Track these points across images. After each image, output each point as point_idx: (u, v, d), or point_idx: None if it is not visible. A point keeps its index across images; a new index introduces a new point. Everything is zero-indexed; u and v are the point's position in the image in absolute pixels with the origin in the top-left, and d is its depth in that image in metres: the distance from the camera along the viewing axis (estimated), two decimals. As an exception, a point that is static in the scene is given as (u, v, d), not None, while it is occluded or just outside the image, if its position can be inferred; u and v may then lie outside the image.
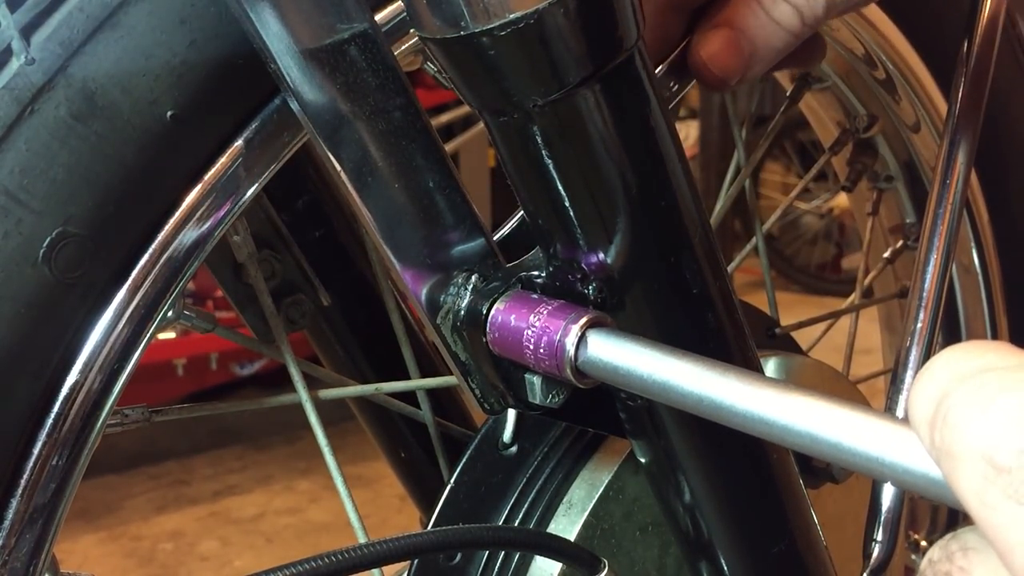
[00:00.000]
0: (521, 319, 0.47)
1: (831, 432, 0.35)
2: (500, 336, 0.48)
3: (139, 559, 2.50)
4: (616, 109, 0.45)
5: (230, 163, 0.48)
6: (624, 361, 0.43)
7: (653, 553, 0.65)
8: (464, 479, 0.63)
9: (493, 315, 0.48)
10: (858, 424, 0.34)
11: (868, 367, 1.04)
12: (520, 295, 0.49)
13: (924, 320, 0.63)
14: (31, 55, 0.43)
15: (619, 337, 0.45)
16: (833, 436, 0.35)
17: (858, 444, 0.34)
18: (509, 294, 0.49)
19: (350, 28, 0.44)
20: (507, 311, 0.48)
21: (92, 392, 0.47)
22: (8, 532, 0.46)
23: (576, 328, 0.45)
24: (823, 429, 0.35)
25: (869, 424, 0.34)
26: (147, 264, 0.47)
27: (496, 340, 0.48)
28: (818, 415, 0.36)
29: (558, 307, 0.47)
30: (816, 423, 0.36)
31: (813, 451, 0.36)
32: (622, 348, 0.44)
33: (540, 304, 0.47)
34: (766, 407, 0.37)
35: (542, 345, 0.46)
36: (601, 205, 0.47)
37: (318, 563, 0.44)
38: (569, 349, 0.45)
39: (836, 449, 0.35)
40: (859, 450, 0.34)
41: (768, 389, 0.38)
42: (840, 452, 0.35)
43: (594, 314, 0.46)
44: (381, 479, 2.63)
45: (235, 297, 0.72)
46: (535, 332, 0.46)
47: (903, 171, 0.98)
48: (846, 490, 0.70)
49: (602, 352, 0.44)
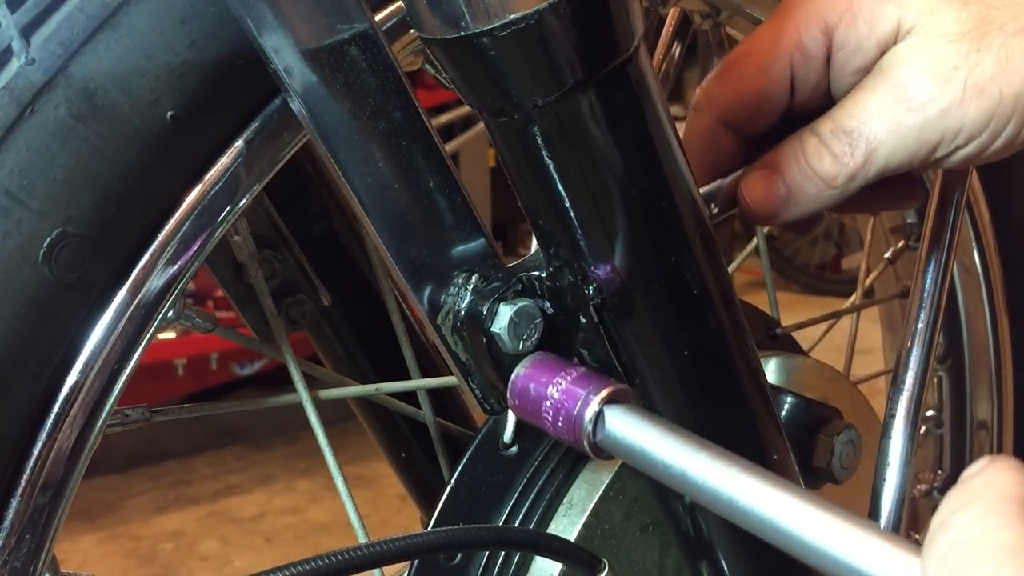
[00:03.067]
0: (541, 388, 0.46)
1: (849, 555, 0.35)
2: (520, 403, 0.47)
3: (139, 559, 2.50)
4: (616, 109, 0.45)
5: (230, 163, 0.48)
6: (642, 443, 0.43)
7: (653, 553, 0.65)
8: (464, 479, 0.63)
9: (514, 380, 0.48)
10: (873, 549, 0.34)
11: (869, 367, 1.04)
12: (542, 360, 0.48)
13: (925, 320, 0.63)
14: (31, 55, 0.43)
15: (639, 416, 0.44)
16: (850, 559, 0.34)
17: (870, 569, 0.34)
18: (531, 359, 0.48)
19: (350, 28, 0.44)
20: (527, 377, 0.47)
21: (92, 392, 0.47)
22: (8, 532, 0.46)
23: (595, 402, 0.44)
24: (842, 550, 0.35)
25: (884, 550, 0.34)
26: (147, 264, 0.47)
27: (517, 406, 0.48)
28: (839, 536, 0.35)
29: (578, 377, 0.46)
30: (835, 543, 0.35)
31: (828, 569, 0.36)
32: (641, 429, 0.43)
33: (561, 371, 0.46)
34: (784, 517, 0.37)
35: (560, 417, 0.45)
36: (601, 205, 0.47)
37: (318, 563, 0.44)
38: (587, 425, 0.44)
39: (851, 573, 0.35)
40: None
41: (788, 497, 0.37)
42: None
43: (614, 387, 0.45)
44: (381, 479, 2.63)
45: (235, 297, 0.71)
46: (554, 403, 0.46)
47: (904, 171, 0.98)
48: (847, 490, 0.70)
49: (621, 430, 0.44)
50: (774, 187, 0.56)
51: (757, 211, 0.56)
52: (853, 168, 0.54)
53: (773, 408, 0.56)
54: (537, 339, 0.49)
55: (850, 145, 0.53)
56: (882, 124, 0.53)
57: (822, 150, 0.54)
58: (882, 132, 0.53)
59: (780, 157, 0.56)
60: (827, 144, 0.54)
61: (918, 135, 0.52)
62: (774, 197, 0.56)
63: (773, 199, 0.56)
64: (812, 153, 0.55)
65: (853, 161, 0.53)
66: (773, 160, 0.56)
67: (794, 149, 0.55)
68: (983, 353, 1.00)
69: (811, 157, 0.55)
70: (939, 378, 1.03)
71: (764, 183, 0.56)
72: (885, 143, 0.53)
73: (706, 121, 0.58)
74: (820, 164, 0.54)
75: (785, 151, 0.56)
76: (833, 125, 0.54)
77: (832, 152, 0.54)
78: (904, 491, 0.62)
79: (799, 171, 0.55)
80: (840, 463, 0.66)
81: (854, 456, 0.67)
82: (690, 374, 0.52)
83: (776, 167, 0.56)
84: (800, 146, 0.55)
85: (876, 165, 0.54)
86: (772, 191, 0.56)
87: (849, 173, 0.54)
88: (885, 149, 0.53)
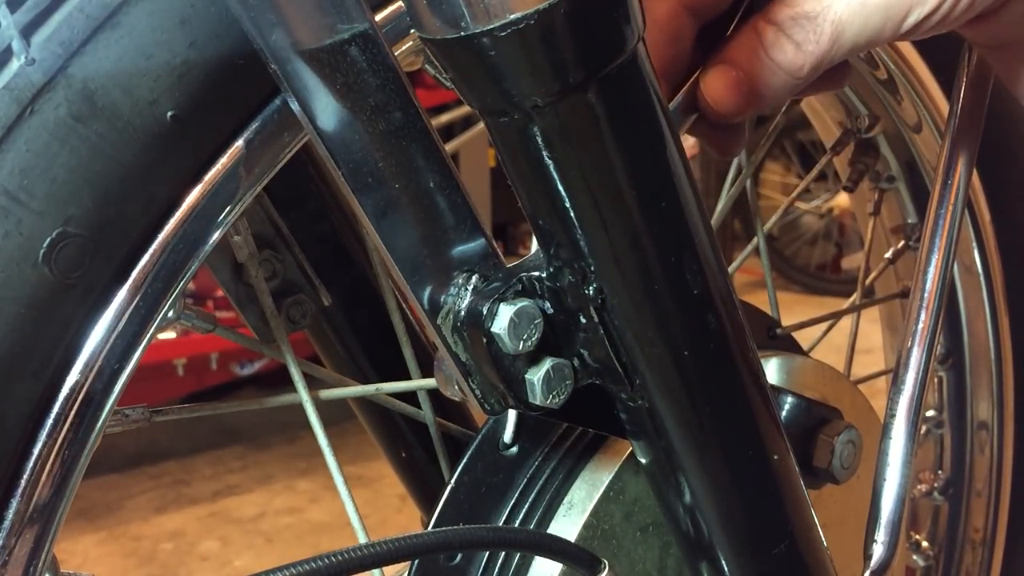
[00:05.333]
0: None
1: None
2: None
3: (139, 559, 2.50)
4: (616, 110, 0.45)
5: (230, 163, 0.48)
6: None
7: (654, 554, 0.65)
8: (465, 479, 0.63)
9: None
10: None
11: (869, 367, 1.04)
12: None
13: (925, 320, 0.63)
14: (31, 55, 0.43)
15: None
16: None
17: None
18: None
19: (350, 28, 0.44)
20: None
21: (92, 392, 0.47)
22: (8, 532, 0.46)
23: None
24: None
25: None
26: (147, 264, 0.47)
27: None
28: None
29: None
30: None
31: None
32: None
33: None
34: None
35: None
36: (601, 206, 0.47)
37: (318, 563, 0.44)
38: None
39: None
40: None
41: None
42: None
43: None
44: (381, 479, 2.63)
45: (236, 297, 0.71)
46: None
47: (905, 171, 0.98)
48: (847, 491, 0.70)
49: None
50: (735, 82, 0.53)
51: (720, 109, 0.54)
52: (819, 54, 0.51)
53: (773, 408, 0.56)
54: (537, 339, 0.49)
55: (814, 31, 0.51)
56: (847, 5, 0.51)
57: (782, 39, 0.52)
58: (847, 13, 0.51)
59: (738, 50, 0.53)
60: (788, 32, 0.52)
61: (884, 12, 0.51)
62: (736, 93, 0.53)
63: (735, 95, 0.53)
64: (772, 43, 0.52)
65: (819, 48, 0.51)
66: (731, 55, 0.53)
67: (751, 40, 0.53)
68: (984, 353, 1.00)
69: (771, 48, 0.52)
70: (940, 378, 1.03)
71: (724, 79, 0.53)
72: (851, 23, 0.51)
73: (667, 5, 0.55)
74: (783, 55, 0.52)
75: (741, 44, 0.53)
76: (792, 11, 0.52)
77: (794, 40, 0.52)
78: (904, 491, 0.62)
79: (760, 64, 0.52)
80: (840, 463, 0.66)
81: (854, 456, 0.67)
82: (690, 374, 0.52)
83: (735, 62, 0.53)
84: (757, 37, 0.52)
85: (843, 48, 0.52)
86: (734, 87, 0.53)
87: (815, 61, 0.52)
88: (852, 30, 0.51)
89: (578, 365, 0.51)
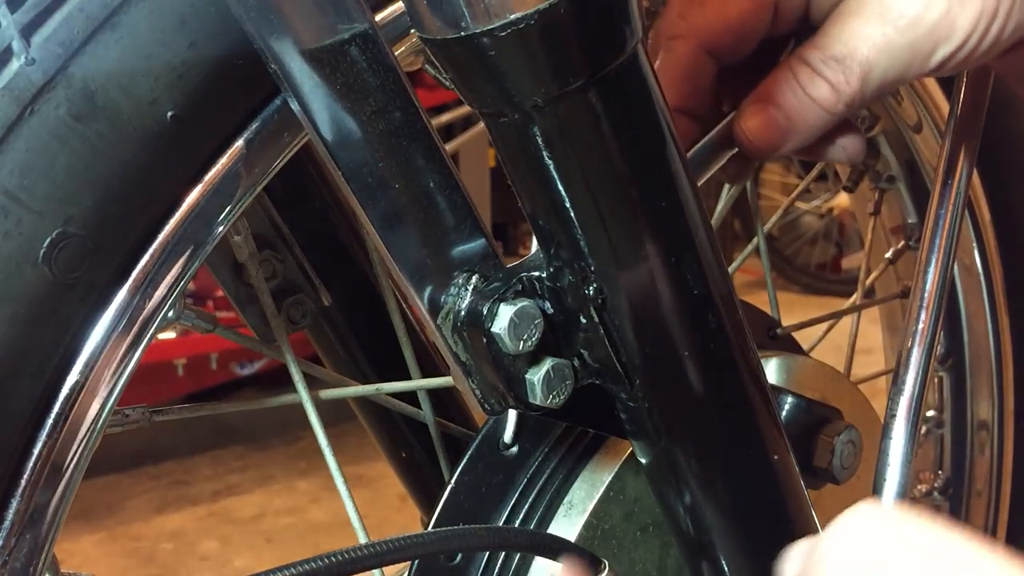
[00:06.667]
0: None
1: None
2: None
3: (139, 559, 2.50)
4: (616, 110, 0.45)
5: (230, 163, 0.48)
6: None
7: (654, 554, 0.65)
8: (465, 479, 0.63)
9: None
10: None
11: (869, 367, 1.04)
12: None
13: (926, 320, 0.63)
14: (31, 55, 0.43)
15: None
16: None
17: None
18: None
19: (350, 28, 0.44)
20: None
21: (92, 392, 0.47)
22: (8, 532, 0.46)
23: None
24: None
25: None
26: (147, 264, 0.47)
27: None
28: None
29: None
30: None
31: None
32: None
33: None
34: None
35: None
36: (601, 206, 0.47)
37: (318, 563, 0.44)
38: None
39: None
40: None
41: None
42: None
43: None
44: (381, 479, 2.63)
45: (236, 297, 0.71)
46: None
47: (905, 171, 0.98)
48: (847, 491, 0.70)
49: None
50: (772, 118, 0.55)
51: (757, 144, 0.56)
52: (851, 94, 0.54)
53: (773, 408, 0.56)
54: (537, 339, 0.49)
55: (844, 72, 0.53)
56: (873, 47, 0.53)
57: (816, 79, 0.54)
58: (873, 54, 0.53)
59: (774, 88, 0.55)
60: (820, 72, 0.54)
61: (909, 52, 0.53)
62: (773, 128, 0.55)
63: (772, 130, 0.55)
64: (807, 81, 0.54)
65: (850, 87, 0.54)
66: (767, 92, 0.56)
67: (787, 79, 0.55)
68: (984, 353, 1.00)
69: (807, 85, 0.54)
70: (940, 378, 1.03)
71: (762, 116, 0.55)
72: (878, 64, 0.53)
73: (687, 47, 0.57)
74: (818, 91, 0.54)
75: (778, 82, 0.55)
76: (822, 54, 0.54)
77: (828, 80, 0.54)
78: (904, 491, 0.62)
79: (797, 100, 0.55)
80: (840, 463, 0.66)
81: (854, 456, 0.67)
82: (690, 374, 0.52)
83: (771, 99, 0.55)
84: (793, 75, 0.55)
85: (871, 86, 0.54)
86: (771, 123, 0.55)
87: (848, 99, 0.54)
88: (879, 70, 0.53)
89: (578, 365, 0.51)
